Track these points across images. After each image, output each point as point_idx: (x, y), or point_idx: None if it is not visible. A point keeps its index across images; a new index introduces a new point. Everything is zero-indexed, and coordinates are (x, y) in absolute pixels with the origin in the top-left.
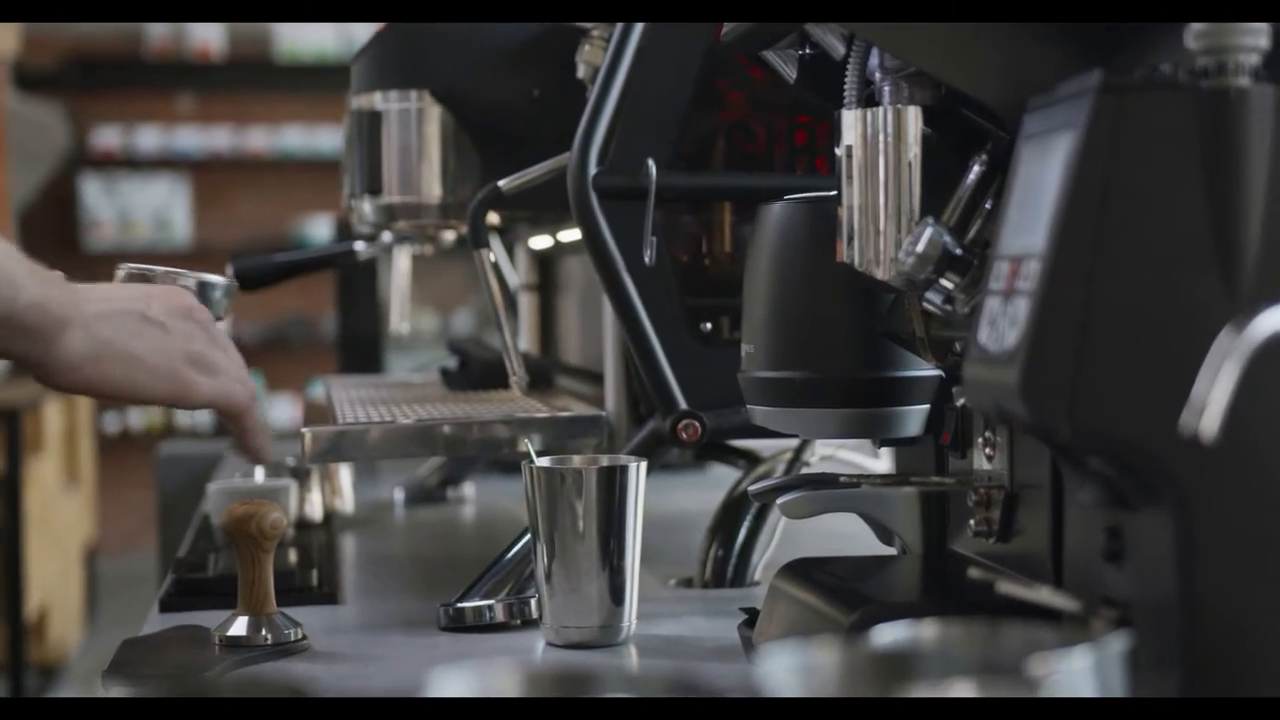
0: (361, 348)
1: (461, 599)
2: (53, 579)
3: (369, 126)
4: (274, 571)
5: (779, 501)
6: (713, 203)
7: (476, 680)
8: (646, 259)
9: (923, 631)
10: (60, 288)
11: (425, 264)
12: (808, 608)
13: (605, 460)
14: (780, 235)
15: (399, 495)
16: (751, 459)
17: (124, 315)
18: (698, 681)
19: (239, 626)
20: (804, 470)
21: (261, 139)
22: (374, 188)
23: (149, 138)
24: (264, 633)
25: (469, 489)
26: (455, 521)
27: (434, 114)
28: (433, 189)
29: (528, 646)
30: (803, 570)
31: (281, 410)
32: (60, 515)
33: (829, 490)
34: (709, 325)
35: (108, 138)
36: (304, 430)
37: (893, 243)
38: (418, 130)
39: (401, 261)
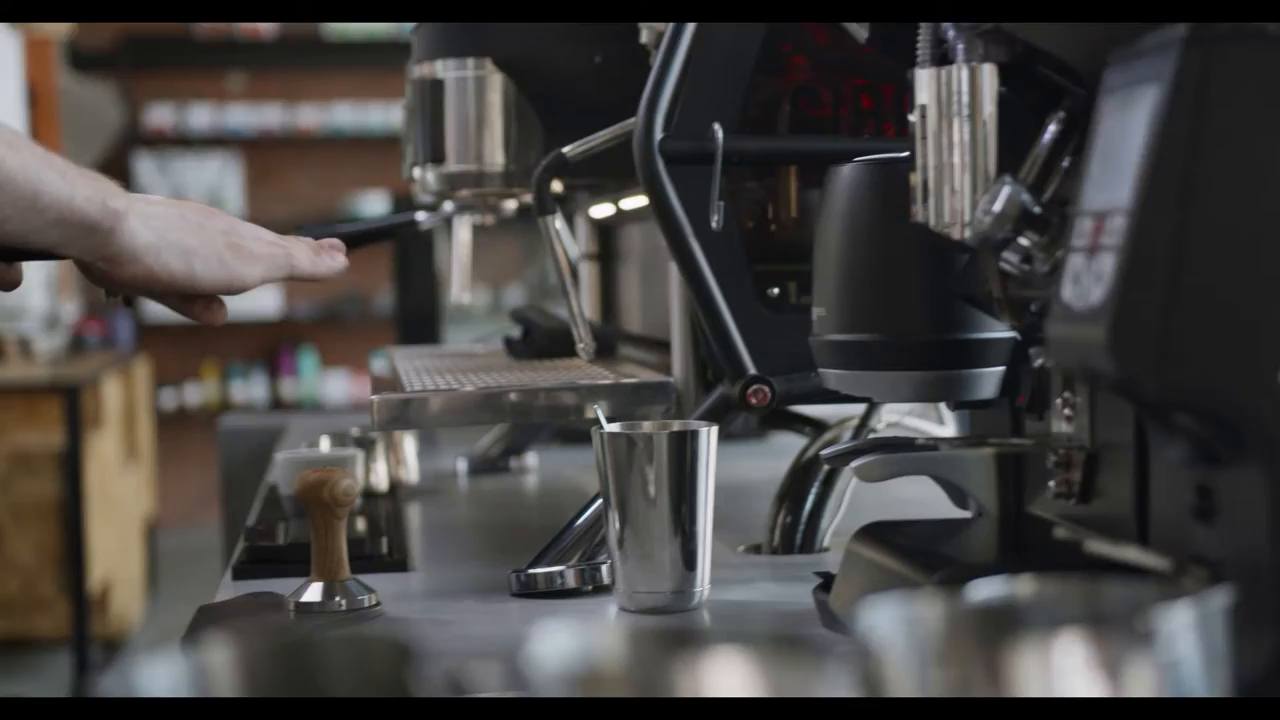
0: (419, 320)
1: (532, 565)
2: (114, 554)
3: (431, 95)
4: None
5: (854, 465)
6: (778, 168)
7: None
8: (714, 224)
9: (1019, 588)
10: (109, 183)
11: (477, 238)
12: (886, 571)
13: (676, 425)
14: (851, 197)
15: (462, 465)
16: (817, 426)
17: (168, 213)
18: (809, 639)
19: (313, 592)
20: (871, 436)
21: (312, 116)
22: (437, 156)
23: (201, 116)
24: (338, 599)
25: (531, 459)
26: (519, 491)
27: (496, 81)
28: (495, 157)
29: (599, 612)
30: (879, 534)
31: (336, 386)
32: (120, 490)
33: (904, 453)
34: (776, 290)
35: (160, 116)
36: (373, 398)
37: (969, 202)
38: (480, 98)
39: (462, 232)
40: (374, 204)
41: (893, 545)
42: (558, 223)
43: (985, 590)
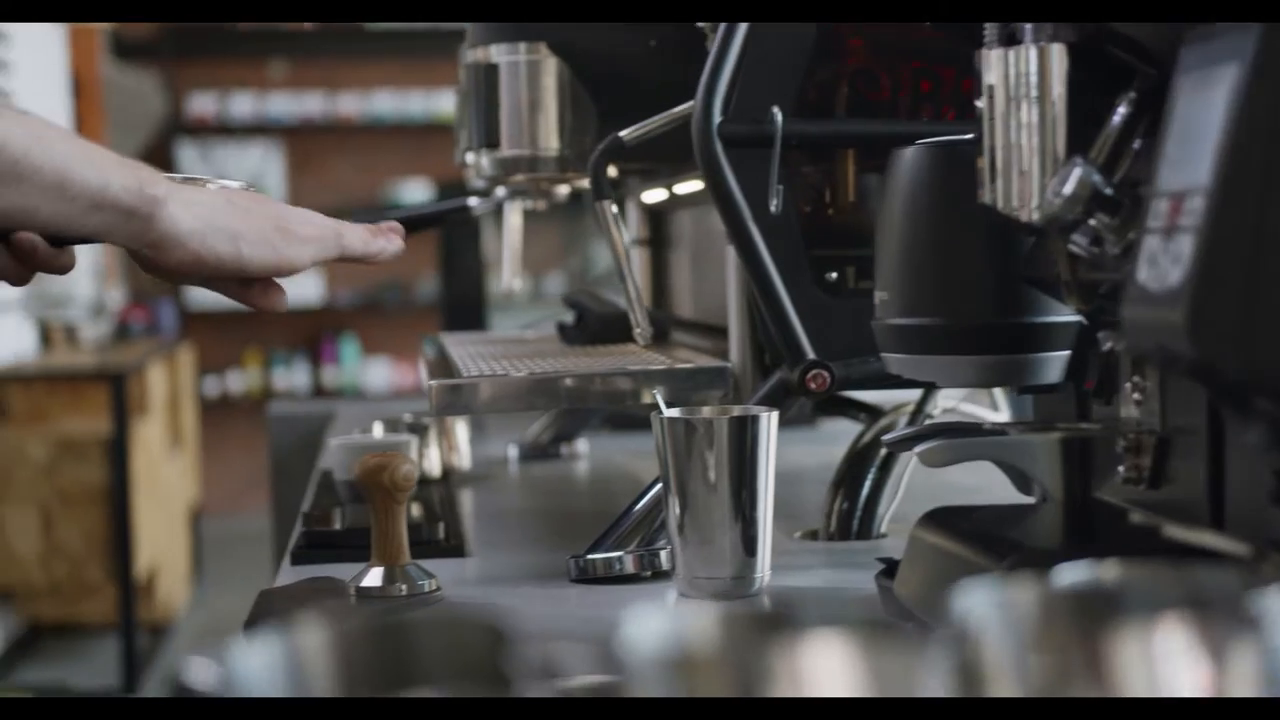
0: (465, 307)
1: (591, 550)
2: (160, 540)
3: (485, 80)
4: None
5: (917, 450)
6: (836, 151)
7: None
8: (773, 208)
9: (1106, 573)
10: (150, 170)
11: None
12: (953, 556)
13: (736, 410)
14: (915, 180)
15: (513, 451)
16: (872, 412)
17: (212, 199)
18: (902, 626)
19: (373, 577)
20: (930, 421)
21: (353, 104)
22: (491, 141)
23: (243, 104)
24: (399, 584)
25: (582, 445)
26: (570, 477)
27: (550, 66)
28: (549, 142)
29: (658, 597)
30: (944, 519)
31: (378, 374)
32: (166, 477)
33: (968, 438)
34: (834, 275)
35: (203, 105)
36: (431, 383)
37: (1037, 184)
38: (534, 82)
39: (513, 218)
40: (415, 191)
41: (958, 531)
42: (614, 207)
43: (1071, 575)
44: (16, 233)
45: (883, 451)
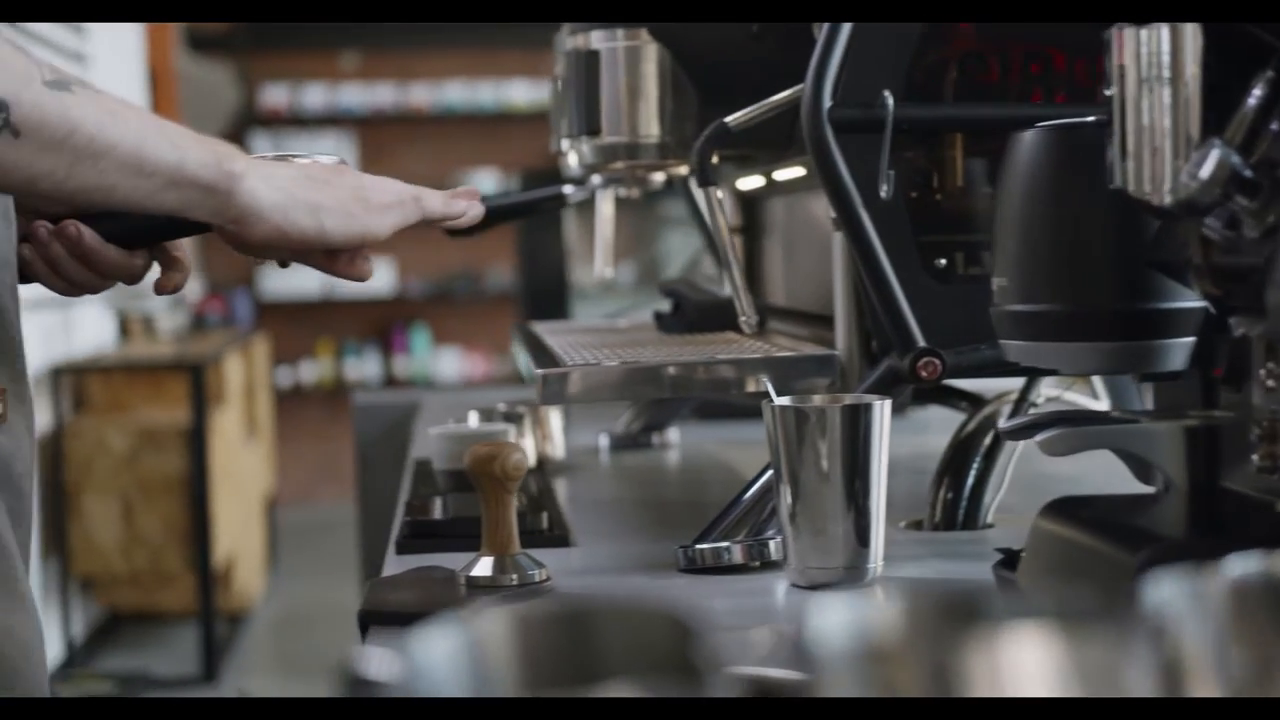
0: (546, 296)
1: (699, 540)
2: (237, 529)
3: (586, 66)
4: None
5: (1038, 439)
6: (943, 136)
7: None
8: (883, 193)
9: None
10: (228, 147)
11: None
12: (1079, 547)
13: (848, 399)
14: (1036, 163)
15: (604, 441)
16: (973, 400)
17: (291, 172)
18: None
19: (483, 567)
20: (1047, 409)
21: (424, 95)
22: (592, 129)
23: (315, 96)
24: (510, 573)
25: (673, 434)
26: (664, 467)
27: (651, 52)
28: (650, 128)
29: (767, 588)
30: (1067, 510)
31: (449, 363)
32: (242, 467)
33: (1090, 426)
34: (943, 261)
35: (275, 96)
36: (538, 371)
37: (1170, 167)
38: (635, 69)
39: (605, 206)
40: (485, 181)
41: (1084, 522)
42: (718, 193)
43: (1243, 565)
44: (63, 221)
45: (987, 441)
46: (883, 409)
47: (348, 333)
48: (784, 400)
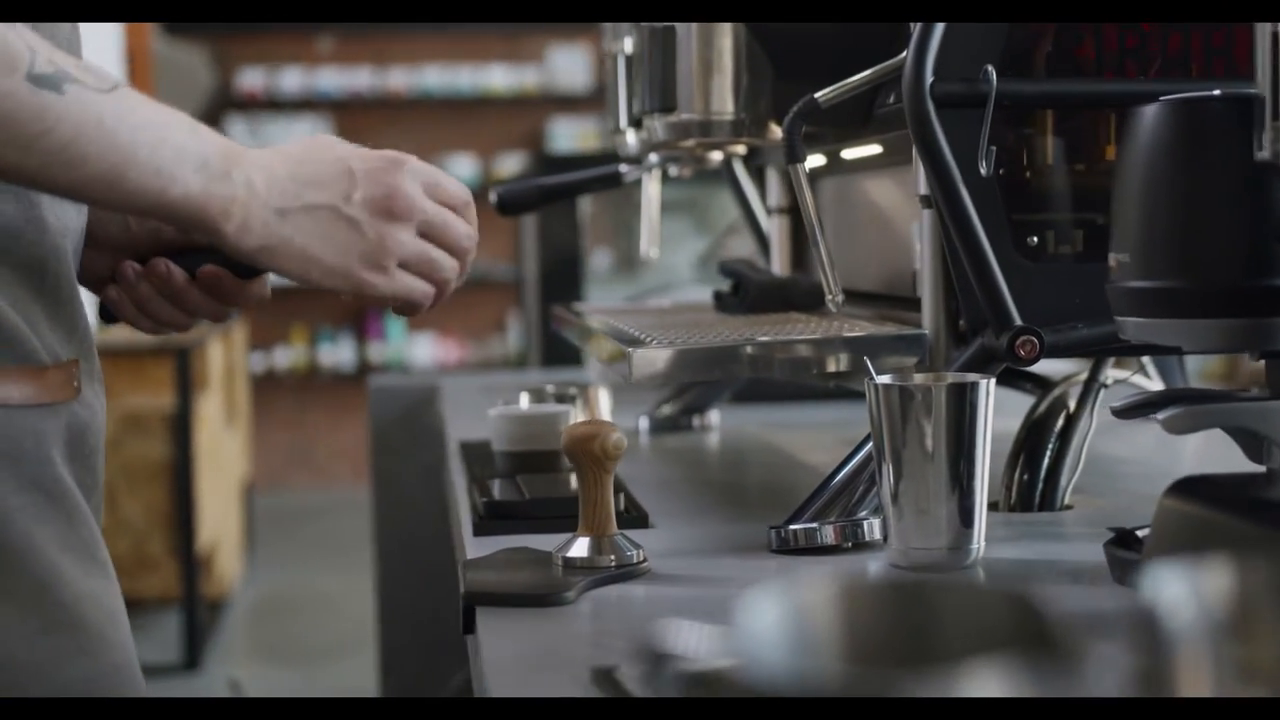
0: (563, 279)
1: (791, 521)
2: (219, 515)
3: (663, 42)
4: (555, 497)
5: (1161, 417)
6: (1033, 113)
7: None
8: (983, 170)
9: None
10: (227, 181)
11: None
12: (1217, 525)
13: (950, 378)
14: (1160, 137)
15: (643, 424)
16: (1041, 383)
17: (313, 211)
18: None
19: (580, 548)
20: (1101, 391)
21: (402, 78)
22: (667, 105)
23: (291, 79)
24: (607, 555)
25: (714, 417)
26: (708, 449)
27: (727, 28)
28: (725, 104)
29: (861, 569)
30: (1194, 488)
31: (423, 349)
32: (223, 452)
33: (1212, 404)
34: (1035, 239)
35: (251, 79)
36: (631, 350)
37: None
38: (710, 45)
39: (651, 187)
40: (463, 166)
41: (1219, 500)
42: (805, 169)
43: None
44: (202, 266)
45: (1059, 422)
46: (988, 388)
47: (323, 319)
48: (886, 379)
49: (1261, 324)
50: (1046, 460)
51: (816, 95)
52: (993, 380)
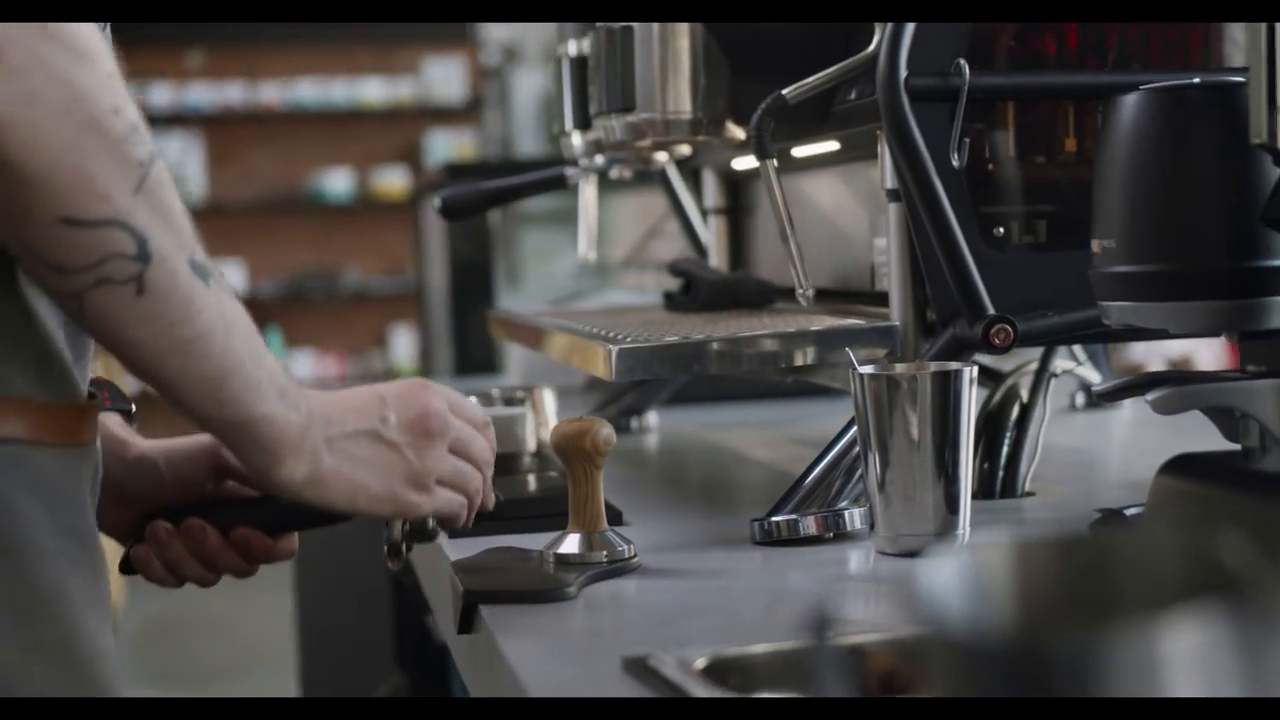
0: (475, 287)
1: (773, 513)
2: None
3: (621, 42)
4: (524, 498)
5: (1149, 399)
6: (995, 105)
7: None
8: (956, 162)
9: None
10: (297, 409)
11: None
12: (1212, 499)
13: (933, 367)
14: (1143, 125)
15: None
16: (992, 375)
17: (356, 438)
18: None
19: (571, 544)
20: (1051, 381)
21: (274, 93)
22: (627, 105)
23: (161, 94)
24: (599, 550)
25: (652, 419)
26: (653, 449)
27: (684, 27)
28: (683, 104)
29: (843, 558)
30: (1187, 465)
31: (302, 367)
32: None
33: (1198, 385)
34: (1001, 230)
35: None
36: (611, 347)
37: None
38: (669, 45)
39: (588, 191)
40: (338, 181)
41: (1210, 475)
42: (774, 163)
43: None
44: (235, 528)
45: (1014, 412)
46: (971, 375)
47: None
48: (870, 368)
49: (1246, 305)
50: (1005, 449)
51: (784, 92)
52: (975, 368)
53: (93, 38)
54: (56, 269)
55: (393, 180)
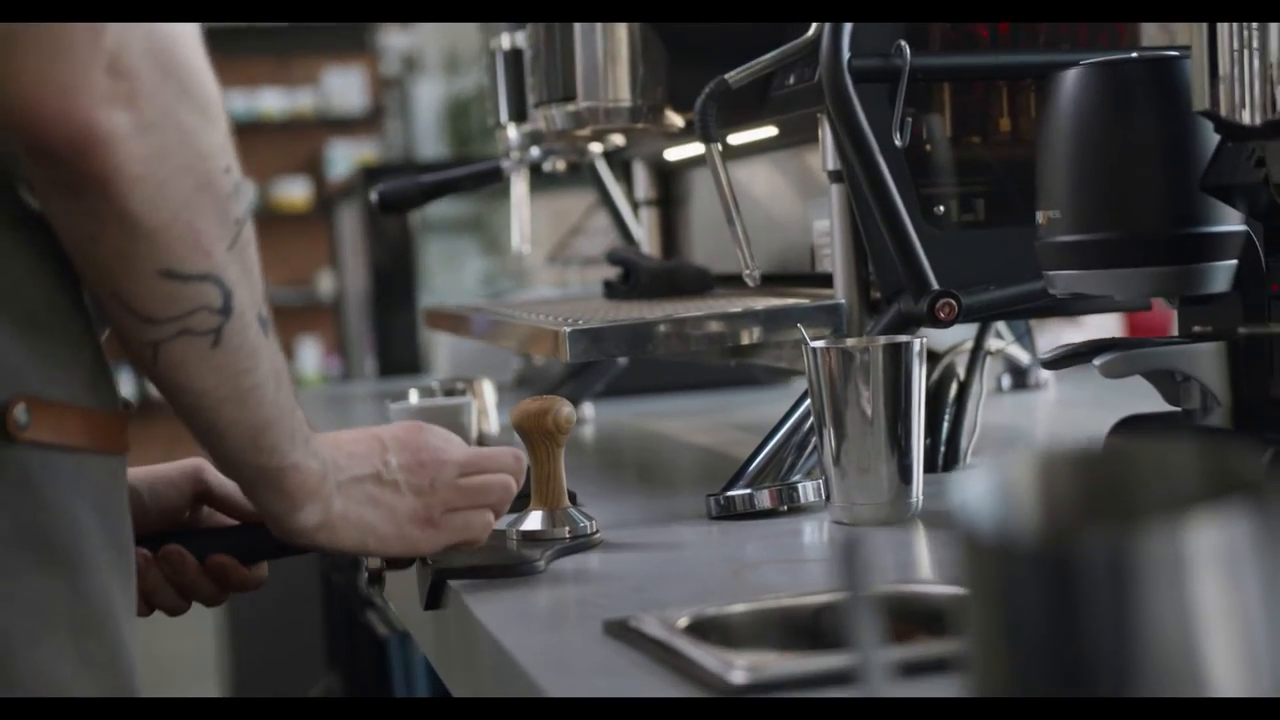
0: (396, 284)
1: (728, 488)
2: None
3: (560, 33)
4: None
5: (1097, 363)
6: (931, 87)
7: None
8: (898, 141)
9: None
10: (317, 456)
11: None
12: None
13: (882, 340)
14: (1085, 98)
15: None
16: (929, 356)
17: (361, 482)
18: None
19: (534, 521)
20: (986, 359)
21: None
22: (567, 94)
23: None
24: (562, 527)
25: (588, 410)
26: (591, 439)
27: None
28: (623, 93)
29: (798, 529)
30: (1137, 425)
31: None
32: None
33: (1143, 349)
34: (941, 208)
35: None
36: (564, 329)
37: (1260, 87)
38: (608, 34)
39: (519, 186)
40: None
41: (1163, 432)
42: (719, 148)
43: None
44: (210, 555)
45: (953, 389)
46: (921, 347)
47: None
48: (822, 343)
49: (1189, 270)
50: (946, 425)
51: (727, 76)
52: (924, 340)
53: (218, 97)
54: (145, 319)
55: (294, 192)
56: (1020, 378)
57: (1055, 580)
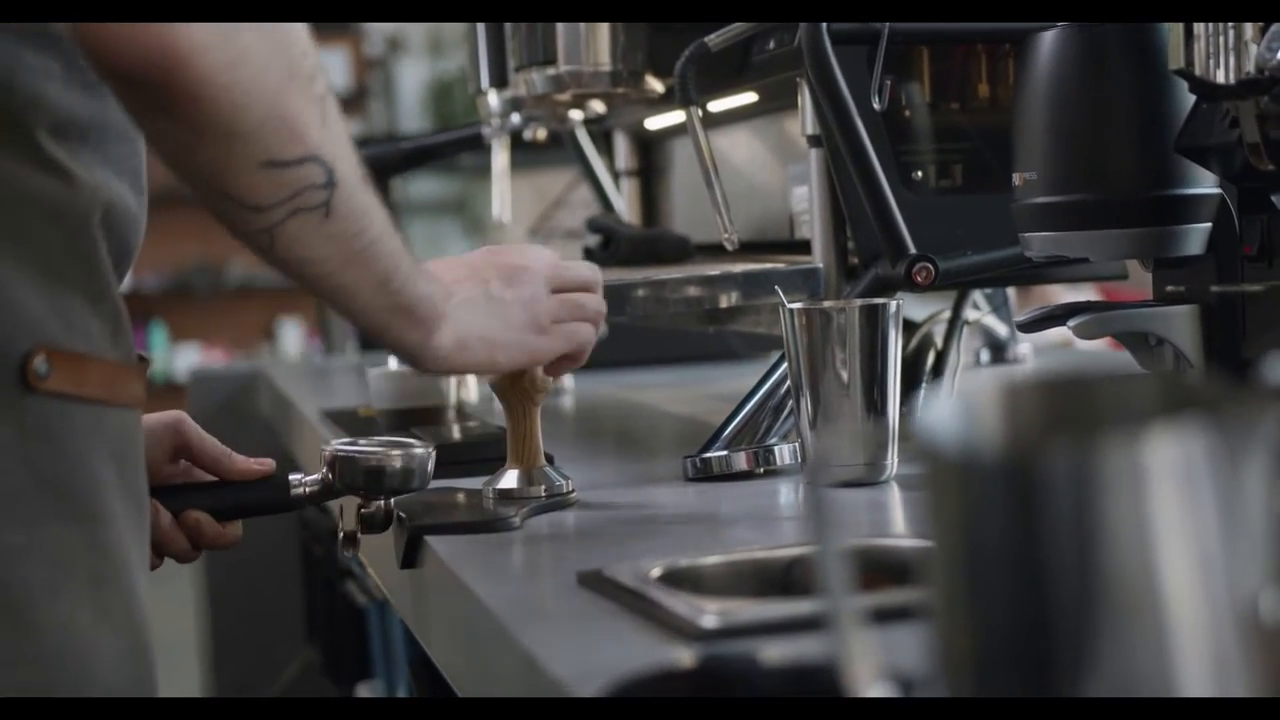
0: None
1: (704, 450)
2: None
3: None
4: (455, 443)
5: (1071, 324)
6: (910, 51)
7: None
8: (877, 105)
9: None
10: (436, 280)
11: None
12: None
13: (859, 302)
14: (1060, 61)
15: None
16: (907, 326)
17: (476, 301)
18: None
19: (510, 480)
20: (964, 329)
21: None
22: (548, 58)
23: None
24: (538, 485)
25: (568, 381)
26: (571, 407)
27: None
28: (603, 57)
29: (774, 490)
30: None
31: (187, 359)
32: None
33: (1118, 311)
34: (919, 174)
35: None
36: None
37: (1233, 47)
38: None
39: (500, 155)
40: None
41: None
42: (699, 112)
43: None
44: (185, 511)
45: (931, 357)
46: (898, 309)
47: None
48: (799, 304)
49: (1162, 231)
50: (923, 394)
51: (707, 39)
52: (900, 303)
53: None
54: (255, 208)
55: None
56: (999, 352)
57: (1017, 491)
